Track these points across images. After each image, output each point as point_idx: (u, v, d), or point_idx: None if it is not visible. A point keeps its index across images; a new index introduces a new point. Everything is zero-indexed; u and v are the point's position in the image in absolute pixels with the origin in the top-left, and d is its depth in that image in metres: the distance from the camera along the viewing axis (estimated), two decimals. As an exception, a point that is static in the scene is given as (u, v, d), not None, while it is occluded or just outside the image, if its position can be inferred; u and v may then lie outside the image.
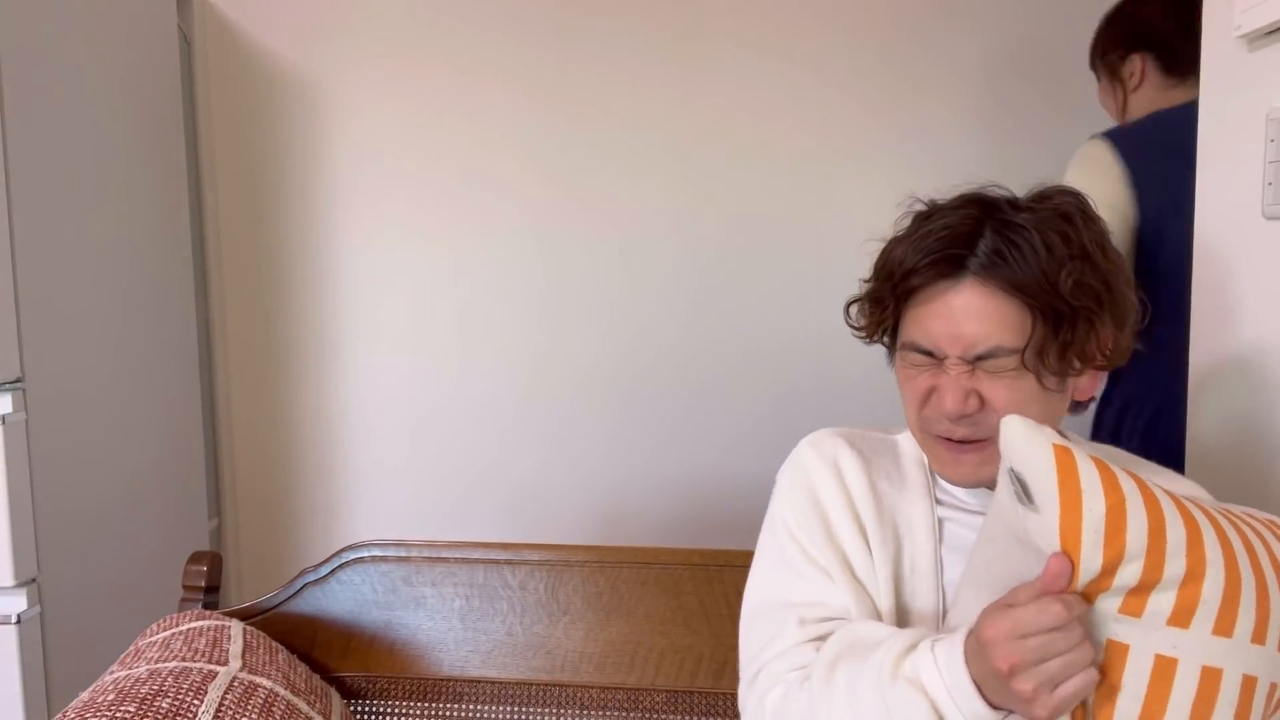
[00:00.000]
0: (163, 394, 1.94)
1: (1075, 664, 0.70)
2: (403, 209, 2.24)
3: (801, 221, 2.18)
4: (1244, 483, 1.15)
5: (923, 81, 2.14)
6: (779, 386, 2.22)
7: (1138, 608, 0.71)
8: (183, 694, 0.93)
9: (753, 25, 2.15)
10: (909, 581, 0.91)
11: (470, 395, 2.28)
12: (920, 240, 0.87)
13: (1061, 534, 0.70)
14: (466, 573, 1.21)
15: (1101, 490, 0.70)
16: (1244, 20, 1.10)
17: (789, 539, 0.94)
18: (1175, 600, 0.71)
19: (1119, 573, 0.70)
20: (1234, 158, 1.16)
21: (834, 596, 0.90)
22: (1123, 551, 0.70)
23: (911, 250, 0.87)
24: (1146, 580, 0.70)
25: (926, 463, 0.96)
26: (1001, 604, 0.73)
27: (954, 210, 0.88)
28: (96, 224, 1.71)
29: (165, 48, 1.98)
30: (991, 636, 0.70)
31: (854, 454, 0.96)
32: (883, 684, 0.78)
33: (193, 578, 1.23)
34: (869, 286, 0.94)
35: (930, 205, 0.91)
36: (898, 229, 0.92)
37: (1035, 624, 0.69)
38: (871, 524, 0.92)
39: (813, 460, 0.96)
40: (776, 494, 0.99)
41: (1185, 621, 0.71)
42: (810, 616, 0.90)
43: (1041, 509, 0.71)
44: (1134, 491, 0.71)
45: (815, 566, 0.92)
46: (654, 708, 1.15)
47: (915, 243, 0.87)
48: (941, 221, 0.87)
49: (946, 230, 0.86)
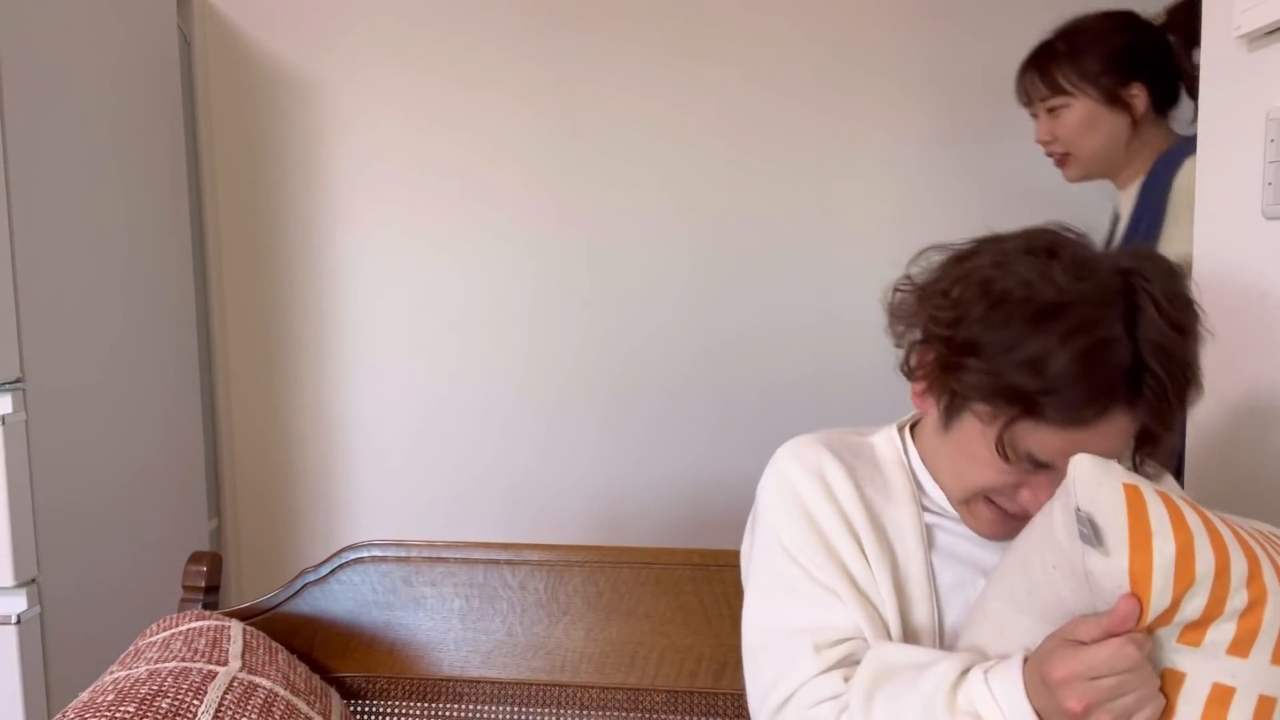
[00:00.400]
0: (163, 394, 1.94)
1: (1145, 697, 0.70)
2: (402, 210, 2.24)
3: (797, 222, 2.18)
4: (1243, 483, 1.14)
5: (920, 84, 2.14)
6: (779, 386, 2.22)
7: (1197, 639, 0.72)
8: (182, 694, 0.93)
9: (748, 35, 2.15)
10: (904, 590, 0.89)
11: (470, 395, 2.28)
12: (1060, 357, 0.76)
13: (1132, 577, 0.69)
14: (466, 573, 1.21)
15: (1171, 531, 0.70)
16: (1244, 20, 1.10)
17: (788, 561, 0.90)
18: (1235, 631, 0.71)
19: (1182, 609, 0.70)
20: (1234, 158, 1.15)
21: (843, 617, 0.87)
22: (1189, 589, 0.70)
23: (1064, 366, 0.77)
24: (1209, 615, 0.71)
25: (908, 466, 0.94)
26: (1065, 640, 0.72)
27: (1094, 320, 0.77)
28: (96, 224, 1.71)
29: (165, 48, 1.98)
30: (1063, 678, 0.70)
31: (837, 462, 0.92)
32: (940, 715, 0.76)
33: (193, 578, 1.23)
34: (941, 348, 0.85)
35: (1027, 269, 0.80)
36: (983, 283, 0.82)
37: (1109, 667, 0.69)
38: (865, 534, 0.89)
39: (797, 473, 0.93)
40: (764, 511, 0.95)
41: (1244, 651, 0.71)
42: (824, 641, 0.87)
43: (1112, 552, 0.70)
44: (1200, 528, 0.71)
45: (821, 587, 0.88)
46: (654, 708, 1.15)
47: (1067, 356, 0.76)
48: (1085, 341, 0.76)
49: (1097, 359, 0.77)
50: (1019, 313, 0.79)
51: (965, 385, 0.83)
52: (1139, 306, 0.79)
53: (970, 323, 0.81)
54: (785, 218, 2.18)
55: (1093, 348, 0.77)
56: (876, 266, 2.16)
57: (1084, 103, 1.52)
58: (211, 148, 2.25)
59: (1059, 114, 1.54)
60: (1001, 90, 1.63)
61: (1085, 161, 1.57)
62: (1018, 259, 0.81)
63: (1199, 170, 1.22)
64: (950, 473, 0.90)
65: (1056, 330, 0.77)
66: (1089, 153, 1.55)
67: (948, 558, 0.90)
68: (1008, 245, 0.84)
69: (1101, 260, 0.81)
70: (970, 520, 0.89)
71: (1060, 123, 1.54)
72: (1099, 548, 0.70)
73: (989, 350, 0.80)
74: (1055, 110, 1.54)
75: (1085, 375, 0.77)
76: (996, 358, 0.79)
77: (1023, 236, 0.85)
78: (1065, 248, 0.82)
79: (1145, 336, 0.78)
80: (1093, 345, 0.77)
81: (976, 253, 0.85)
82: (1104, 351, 0.77)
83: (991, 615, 0.81)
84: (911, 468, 0.94)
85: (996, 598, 0.82)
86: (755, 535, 0.96)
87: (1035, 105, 1.58)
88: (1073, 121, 1.53)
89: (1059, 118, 1.54)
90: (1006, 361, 0.79)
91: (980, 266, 0.83)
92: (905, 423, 0.99)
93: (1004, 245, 0.84)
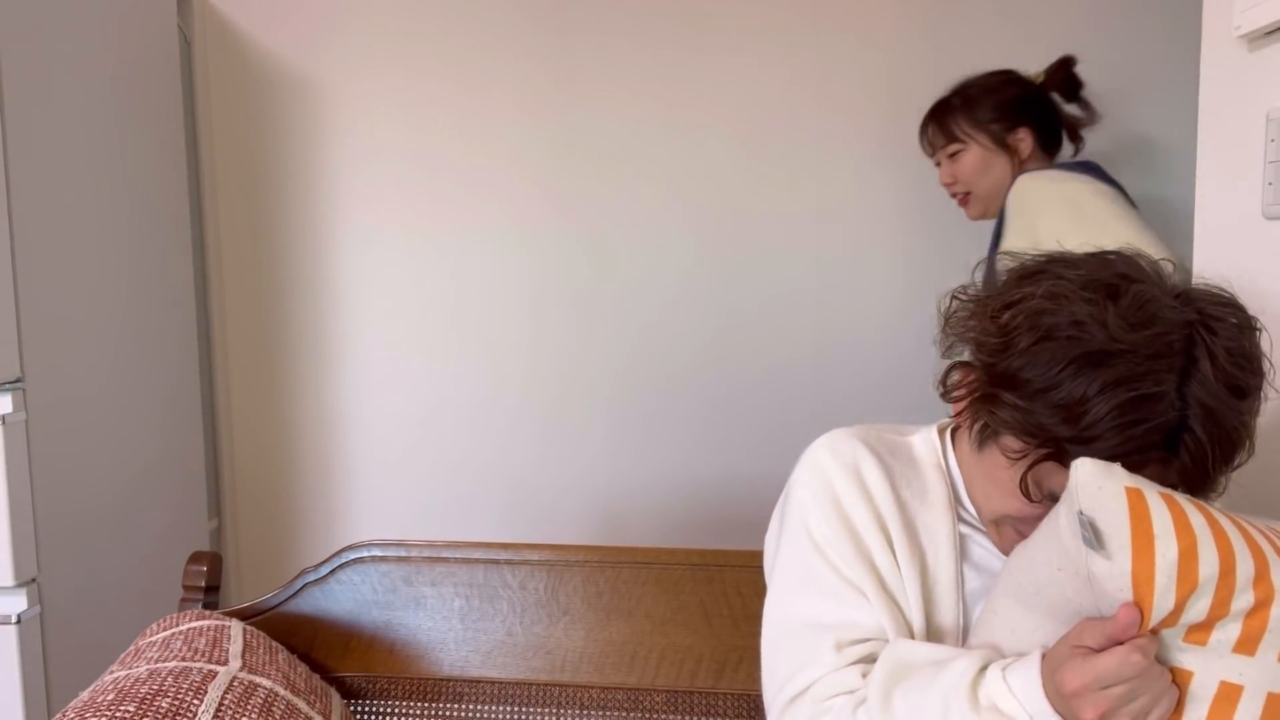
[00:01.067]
0: (163, 394, 1.94)
1: (1159, 694, 0.71)
2: (402, 210, 2.24)
3: (800, 222, 2.18)
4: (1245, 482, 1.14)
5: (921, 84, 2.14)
6: (779, 385, 2.22)
7: (1203, 639, 0.71)
8: (182, 694, 0.93)
9: (747, 35, 2.15)
10: (931, 595, 0.88)
11: (470, 395, 2.28)
12: (1098, 407, 0.74)
13: (1134, 580, 0.69)
14: (466, 573, 1.21)
15: (1174, 534, 0.69)
16: (1244, 20, 1.10)
17: (816, 554, 0.89)
18: (1241, 630, 0.71)
19: (1187, 610, 0.70)
20: (1234, 158, 1.15)
21: (867, 616, 0.86)
22: (1193, 591, 0.69)
23: (1103, 415, 0.74)
24: (1214, 616, 0.70)
25: (946, 471, 0.93)
26: (1074, 648, 0.72)
27: (1141, 373, 0.74)
28: (96, 224, 1.71)
29: (165, 48, 1.98)
30: (1075, 689, 0.70)
31: (874, 459, 0.91)
32: (961, 707, 0.75)
33: (193, 578, 1.23)
34: (981, 375, 0.82)
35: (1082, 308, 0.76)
36: (1032, 302, 0.79)
37: (1117, 676, 0.69)
38: (897, 535, 0.88)
39: (833, 467, 0.91)
40: (795, 504, 0.93)
41: (1251, 650, 0.71)
42: (846, 639, 0.86)
43: (1113, 555, 0.70)
44: (1204, 529, 0.70)
45: (847, 584, 0.88)
46: (654, 708, 1.15)
47: (1106, 406, 0.74)
48: (1127, 394, 0.74)
49: (1137, 414, 0.74)
50: (1063, 353, 0.76)
51: (998, 419, 0.81)
52: (1196, 361, 0.75)
53: (1013, 355, 0.79)
54: (784, 216, 2.18)
55: (1133, 402, 0.74)
56: (876, 265, 2.17)
57: (977, 148, 1.73)
58: (211, 148, 2.25)
59: (958, 158, 1.75)
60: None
61: (984, 199, 1.76)
62: (1074, 294, 0.77)
63: (1199, 170, 1.22)
64: (980, 492, 0.89)
65: (1100, 378, 0.74)
66: (986, 191, 1.75)
67: (976, 567, 0.90)
68: (1070, 275, 0.80)
69: (1165, 307, 0.77)
70: (995, 538, 0.89)
71: (959, 166, 1.75)
72: (1101, 551, 0.70)
73: (1027, 387, 0.78)
74: (955, 155, 1.75)
75: (1121, 430, 0.74)
76: (1033, 396, 0.77)
77: (1090, 263, 0.81)
78: (1130, 287, 0.78)
79: (1195, 396, 0.75)
80: (1134, 399, 0.74)
81: (1040, 274, 0.82)
82: (1145, 407, 0.74)
83: (1002, 613, 0.81)
84: (950, 474, 0.93)
85: (1005, 596, 0.82)
86: (784, 526, 0.95)
87: (938, 153, 1.79)
88: (969, 164, 1.74)
89: (958, 162, 1.75)
90: (1042, 402, 0.77)
91: (1035, 295, 0.79)
92: (946, 425, 0.97)
93: (1066, 274, 0.80)
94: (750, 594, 1.16)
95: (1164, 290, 0.79)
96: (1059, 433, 0.76)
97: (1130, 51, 2.07)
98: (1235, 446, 0.78)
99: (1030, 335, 0.78)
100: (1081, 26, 2.08)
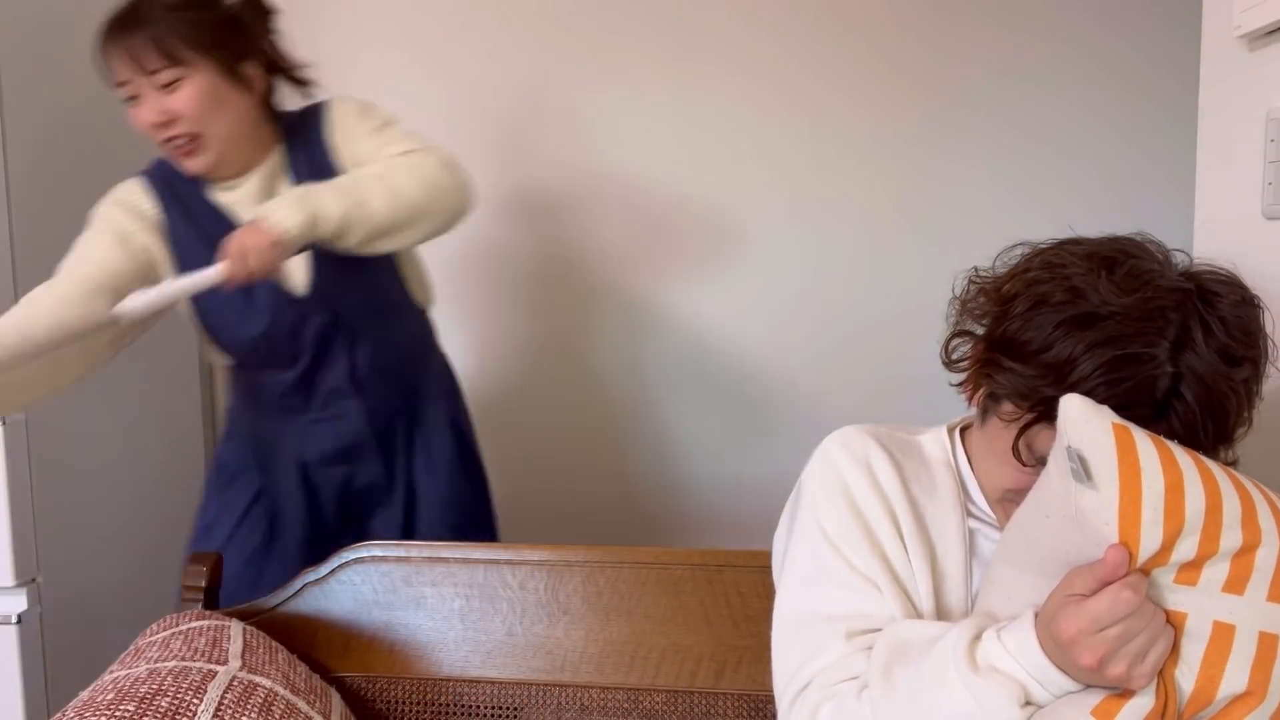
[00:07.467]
0: (163, 393, 1.94)
1: (1155, 632, 0.71)
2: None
3: (799, 215, 2.17)
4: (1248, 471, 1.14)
5: (927, 79, 2.14)
6: (779, 385, 2.22)
7: (1193, 578, 0.72)
8: (182, 693, 0.93)
9: (749, 35, 2.15)
10: (940, 589, 0.89)
11: (470, 394, 2.28)
12: (1084, 365, 0.76)
13: (1120, 511, 0.70)
14: (466, 573, 1.21)
15: (1160, 467, 0.70)
16: (1244, 20, 1.11)
17: (828, 547, 0.90)
18: (1229, 569, 0.71)
19: (1176, 548, 0.71)
20: (1234, 158, 1.16)
21: (879, 606, 0.87)
22: (1181, 527, 0.70)
23: (1088, 373, 0.76)
24: (1203, 554, 0.71)
25: (955, 468, 0.94)
26: (1066, 597, 0.72)
27: (1129, 333, 0.76)
28: (97, 224, 1.71)
29: (165, 48, 1.97)
30: (1072, 636, 0.70)
31: (885, 455, 0.92)
32: (960, 671, 0.75)
33: (193, 578, 1.23)
34: (981, 343, 0.85)
35: (1084, 277, 0.79)
36: (1042, 282, 0.81)
37: (1111, 616, 0.69)
38: (908, 528, 0.89)
39: (844, 461, 0.92)
40: (807, 497, 0.94)
41: (1240, 588, 0.72)
42: (856, 629, 0.87)
43: (1100, 486, 0.70)
44: (1191, 467, 0.71)
45: (860, 576, 0.89)
46: (654, 708, 1.15)
47: (1092, 364, 0.76)
48: (1114, 352, 0.75)
49: (1124, 373, 0.75)
50: (1056, 316, 0.79)
51: (996, 383, 0.83)
52: (1189, 329, 0.77)
53: (1011, 320, 0.82)
54: (784, 214, 2.18)
55: (1118, 361, 0.76)
56: (876, 265, 2.17)
57: (205, 75, 1.32)
58: (212, 148, 2.25)
59: (176, 88, 1.32)
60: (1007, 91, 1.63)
61: (219, 145, 1.36)
62: (1073, 265, 0.80)
63: (1199, 170, 1.22)
64: (983, 469, 0.91)
65: (1088, 338, 0.77)
66: (222, 134, 1.35)
67: (985, 562, 0.90)
68: (1072, 250, 0.83)
69: (1161, 276, 0.79)
70: (1003, 520, 0.90)
71: (178, 98, 1.32)
72: (1088, 483, 0.71)
73: (1021, 350, 0.80)
74: (171, 85, 1.31)
75: (1107, 388, 0.76)
76: (1027, 359, 0.79)
77: (1095, 243, 0.84)
78: (1128, 260, 0.80)
79: (1188, 363, 0.76)
80: (1119, 358, 0.76)
81: (1046, 252, 0.85)
82: (1132, 367, 0.76)
83: (998, 582, 0.82)
84: (959, 470, 0.94)
85: (999, 563, 0.83)
86: (795, 521, 0.96)
87: (138, 81, 1.32)
88: (193, 95, 1.32)
89: (176, 92, 1.32)
90: (1035, 364, 0.79)
91: (1034, 267, 0.83)
92: (955, 425, 0.98)
93: (1069, 250, 0.83)
94: (750, 594, 1.16)
95: (1165, 265, 0.81)
96: (1048, 393, 0.77)
97: (1130, 51, 2.07)
98: (1227, 415, 0.78)
99: (1027, 301, 0.81)
100: (1081, 26, 2.08)
